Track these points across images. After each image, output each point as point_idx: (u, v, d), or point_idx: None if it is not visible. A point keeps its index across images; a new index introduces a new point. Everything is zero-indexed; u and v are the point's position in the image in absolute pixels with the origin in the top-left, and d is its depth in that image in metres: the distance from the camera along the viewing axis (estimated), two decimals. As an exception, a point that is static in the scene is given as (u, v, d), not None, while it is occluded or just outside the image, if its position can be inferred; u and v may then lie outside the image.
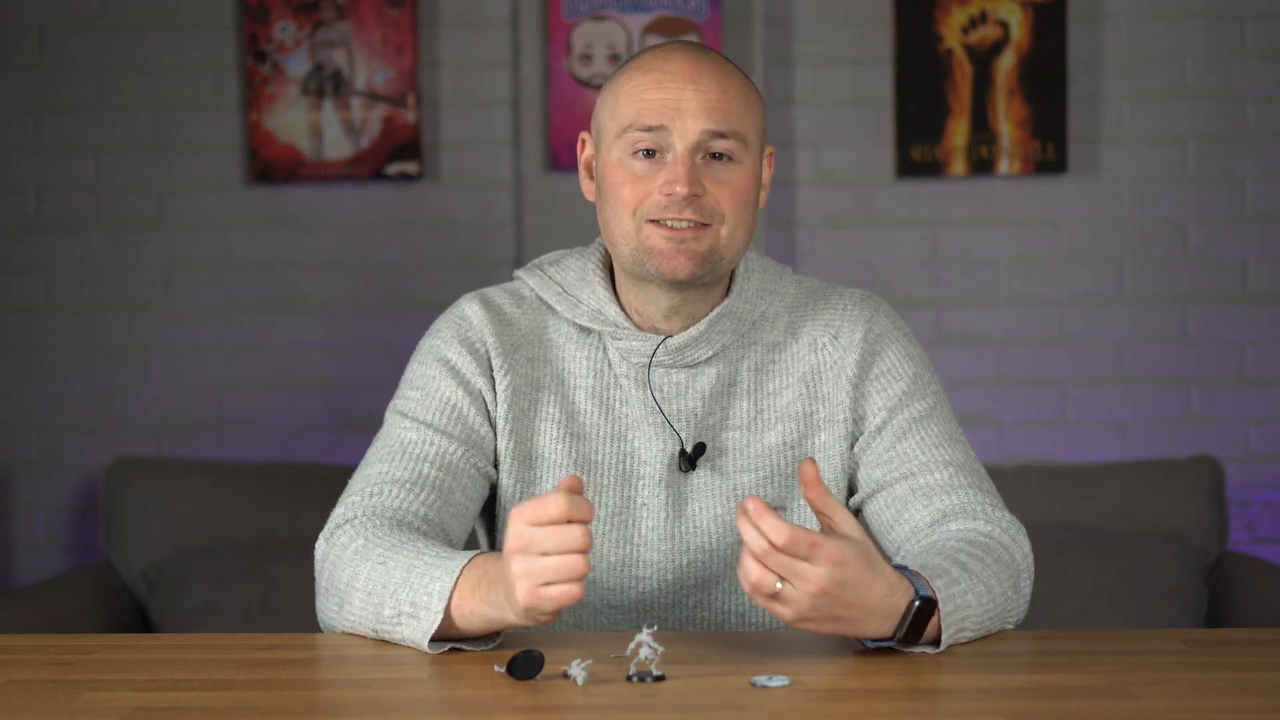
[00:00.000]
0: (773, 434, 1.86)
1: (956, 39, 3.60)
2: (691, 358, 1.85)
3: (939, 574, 1.61)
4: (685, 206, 1.76)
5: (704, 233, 1.77)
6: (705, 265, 1.79)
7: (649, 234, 1.78)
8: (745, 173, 1.79)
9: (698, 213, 1.76)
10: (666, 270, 1.78)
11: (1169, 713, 1.38)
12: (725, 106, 1.76)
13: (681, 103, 1.76)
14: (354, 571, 1.68)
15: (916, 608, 1.54)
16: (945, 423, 1.87)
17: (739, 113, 1.78)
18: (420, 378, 1.87)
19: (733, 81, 1.79)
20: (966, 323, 3.64)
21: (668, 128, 1.76)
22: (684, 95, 1.76)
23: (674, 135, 1.76)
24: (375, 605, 1.64)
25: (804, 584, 1.48)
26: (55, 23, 3.65)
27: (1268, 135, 3.60)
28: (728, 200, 1.78)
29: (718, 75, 1.78)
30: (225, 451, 3.65)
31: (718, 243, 1.78)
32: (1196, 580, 3.28)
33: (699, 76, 1.77)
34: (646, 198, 1.78)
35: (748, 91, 1.81)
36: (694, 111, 1.76)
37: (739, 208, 1.78)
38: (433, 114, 3.65)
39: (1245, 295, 3.62)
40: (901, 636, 1.55)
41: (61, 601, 3.21)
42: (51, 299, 3.68)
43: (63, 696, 1.46)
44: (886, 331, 1.90)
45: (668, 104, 1.76)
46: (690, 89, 1.76)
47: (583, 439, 1.85)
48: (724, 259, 1.80)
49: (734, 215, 1.78)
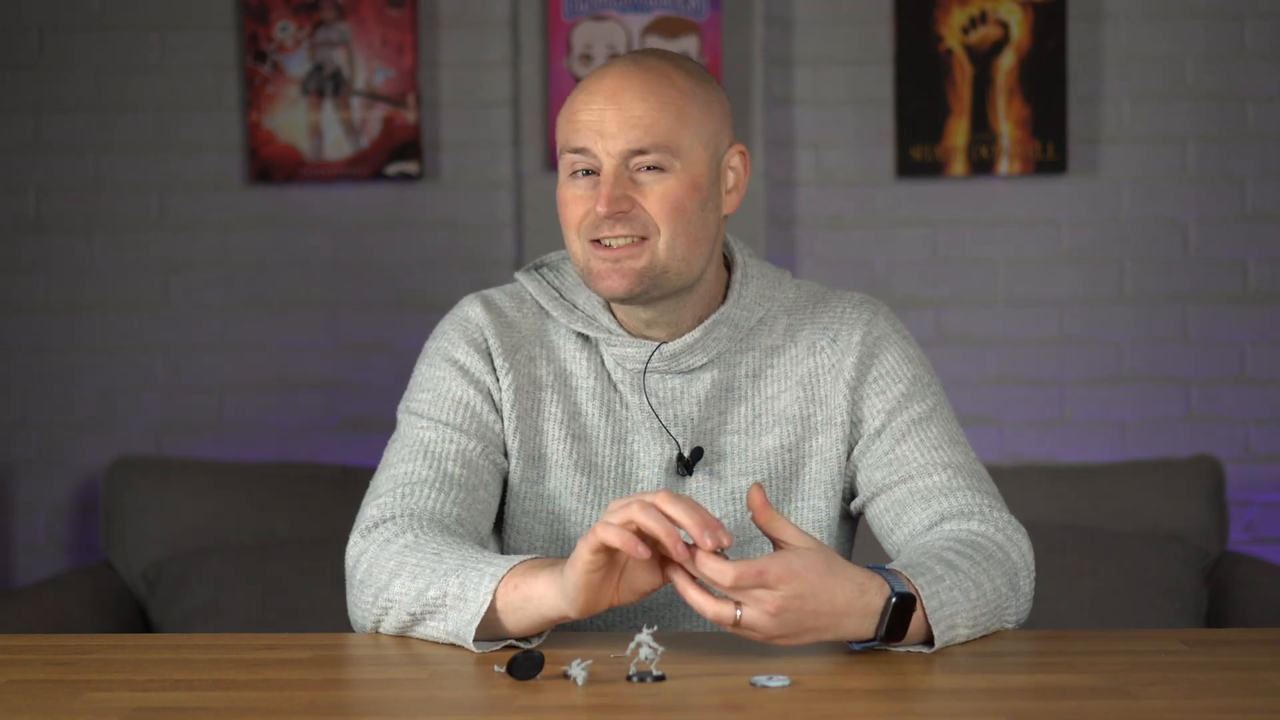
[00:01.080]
0: (770, 437, 1.86)
1: (956, 39, 3.60)
2: (686, 364, 1.85)
3: (921, 571, 1.61)
4: (615, 223, 1.76)
5: (640, 248, 1.77)
6: (644, 281, 1.78)
7: (589, 255, 1.79)
8: (677, 181, 1.78)
9: (630, 227, 1.77)
10: (605, 290, 1.79)
11: (1169, 713, 1.38)
12: (648, 121, 1.76)
13: (604, 124, 1.76)
14: (401, 561, 1.68)
15: (894, 604, 1.54)
16: (945, 424, 1.87)
17: (666, 124, 1.76)
18: (430, 379, 1.87)
19: (667, 92, 1.77)
20: (966, 323, 3.64)
21: (591, 149, 1.77)
22: (605, 115, 1.76)
23: (599, 155, 1.77)
24: (420, 589, 1.64)
25: (760, 605, 1.50)
26: (55, 23, 3.65)
27: (1268, 135, 3.60)
28: (659, 211, 1.77)
29: (646, 89, 1.77)
30: (225, 451, 3.65)
31: (655, 256, 1.78)
32: (1196, 580, 3.28)
33: (622, 94, 1.77)
34: (586, 216, 1.79)
35: (687, 99, 1.78)
36: (613, 132, 1.76)
37: (673, 217, 1.77)
38: (433, 114, 3.65)
39: (1245, 295, 3.62)
40: (883, 635, 1.55)
41: (61, 601, 3.20)
42: (51, 299, 3.68)
43: (63, 696, 1.47)
44: (885, 334, 1.90)
45: (591, 125, 1.77)
46: (612, 109, 1.76)
47: (585, 440, 1.86)
48: (668, 271, 1.79)
49: (669, 225, 1.77)
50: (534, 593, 1.57)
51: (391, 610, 1.67)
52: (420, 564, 1.66)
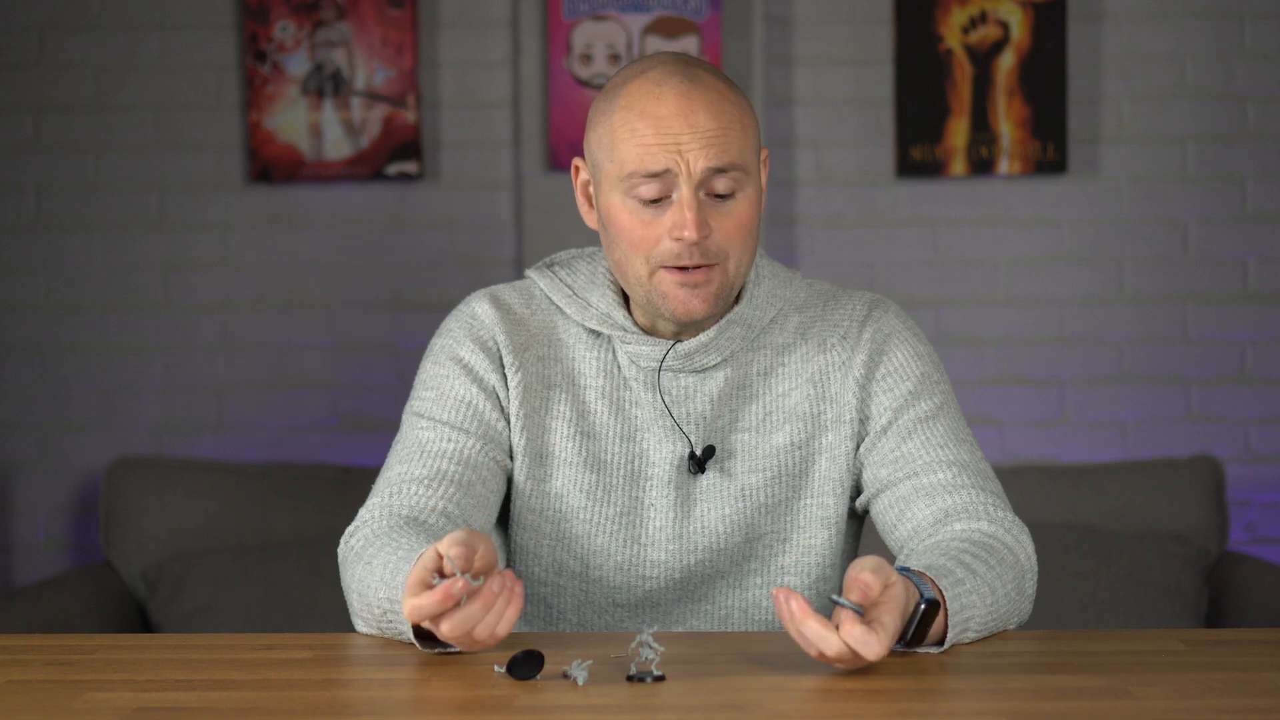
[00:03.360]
0: (780, 434, 1.86)
1: (956, 39, 3.60)
2: (700, 363, 1.86)
3: (944, 574, 1.61)
4: (694, 251, 1.76)
5: (713, 272, 1.78)
6: (718, 303, 1.80)
7: (661, 279, 1.78)
8: (748, 202, 1.79)
9: (705, 255, 1.77)
10: (682, 314, 1.79)
11: (1169, 713, 1.38)
12: (724, 139, 1.75)
13: (680, 144, 1.74)
14: (351, 573, 1.72)
15: (922, 610, 1.54)
16: (952, 422, 1.87)
17: (737, 140, 1.77)
18: (434, 378, 1.87)
19: (726, 105, 1.77)
20: (966, 323, 3.64)
21: (672, 170, 1.75)
22: (682, 137, 1.74)
23: (678, 177, 1.75)
24: (368, 605, 1.66)
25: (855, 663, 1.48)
26: (55, 23, 3.65)
27: (1268, 135, 3.60)
28: (733, 236, 1.78)
29: (711, 104, 1.76)
30: (225, 451, 3.65)
31: (726, 278, 1.79)
32: (1196, 580, 3.28)
33: (694, 112, 1.75)
34: (656, 244, 1.77)
35: (742, 111, 1.79)
36: (694, 150, 1.74)
37: (745, 239, 1.79)
38: (433, 114, 3.65)
39: (1245, 295, 3.62)
40: (909, 639, 1.56)
41: (61, 601, 3.20)
42: (51, 299, 3.68)
43: (63, 696, 1.46)
44: (895, 331, 1.90)
45: (667, 147, 1.74)
46: (688, 130, 1.74)
47: (593, 438, 1.86)
48: (733, 288, 1.81)
49: (739, 248, 1.79)
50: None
51: (364, 624, 1.69)
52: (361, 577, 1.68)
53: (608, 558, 1.85)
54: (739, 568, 1.86)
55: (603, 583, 1.85)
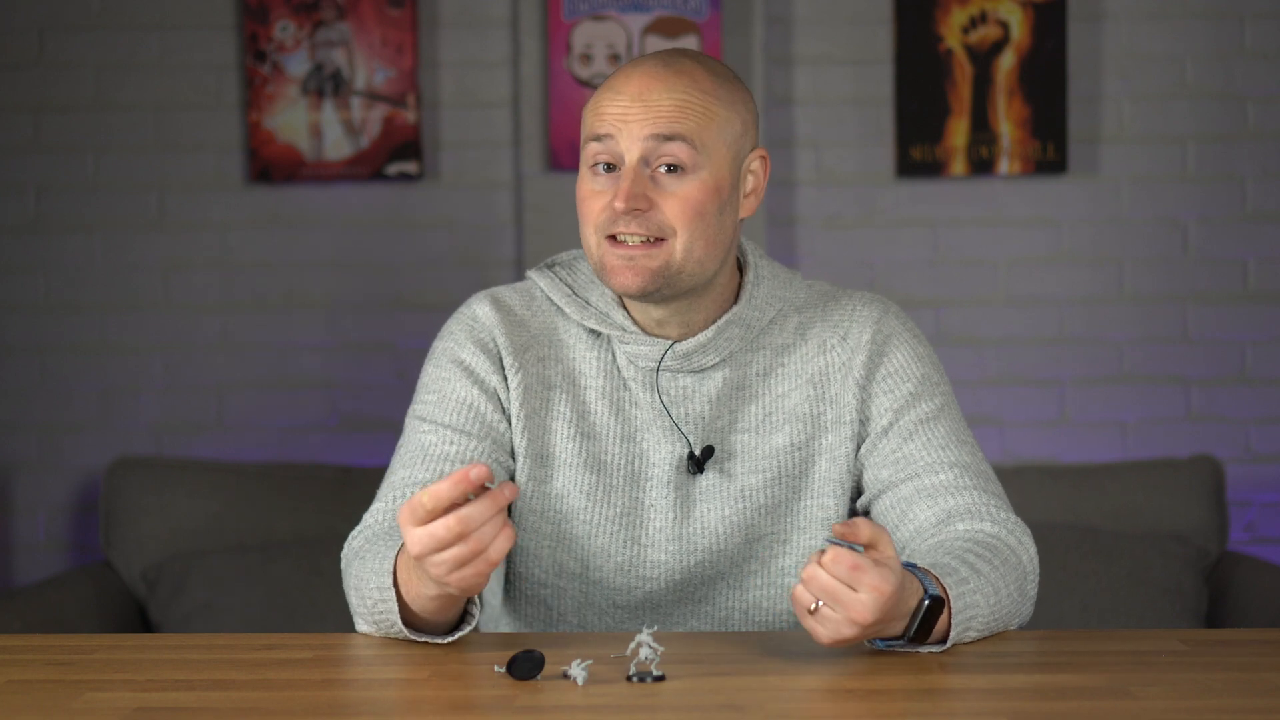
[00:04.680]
0: (780, 435, 1.86)
1: (956, 39, 3.60)
2: (699, 363, 1.85)
3: (948, 572, 1.62)
4: (631, 220, 1.76)
5: (656, 249, 1.77)
6: (658, 280, 1.78)
7: (605, 250, 1.79)
8: (700, 183, 1.77)
9: (645, 227, 1.76)
10: (619, 285, 1.79)
11: (1169, 713, 1.38)
12: (675, 114, 1.76)
13: (630, 113, 1.76)
14: (350, 573, 1.73)
15: (926, 607, 1.54)
16: (953, 423, 1.87)
17: (696, 119, 1.76)
18: (436, 380, 1.88)
19: (694, 91, 1.77)
20: (966, 323, 3.64)
21: (614, 136, 1.77)
22: (633, 107, 1.76)
23: (621, 144, 1.77)
24: (362, 599, 1.67)
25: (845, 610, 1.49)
26: (55, 23, 3.65)
27: (1268, 135, 3.60)
28: (679, 213, 1.77)
29: (674, 83, 1.77)
30: (225, 451, 3.65)
31: (672, 257, 1.77)
32: (1196, 580, 3.28)
33: (652, 88, 1.77)
34: (602, 213, 1.78)
35: (712, 100, 1.78)
36: (639, 119, 1.76)
37: (692, 219, 1.77)
38: (433, 114, 3.65)
39: (1245, 295, 3.62)
40: (911, 636, 1.56)
41: (61, 601, 3.20)
42: (51, 299, 3.68)
43: (63, 696, 1.46)
44: (895, 332, 1.90)
45: (617, 115, 1.77)
46: (639, 103, 1.76)
47: (594, 439, 1.86)
48: (683, 272, 1.79)
49: (687, 228, 1.77)
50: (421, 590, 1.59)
51: (363, 623, 1.70)
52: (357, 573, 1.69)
53: (608, 559, 1.85)
54: (739, 569, 1.86)
55: (603, 584, 1.85)
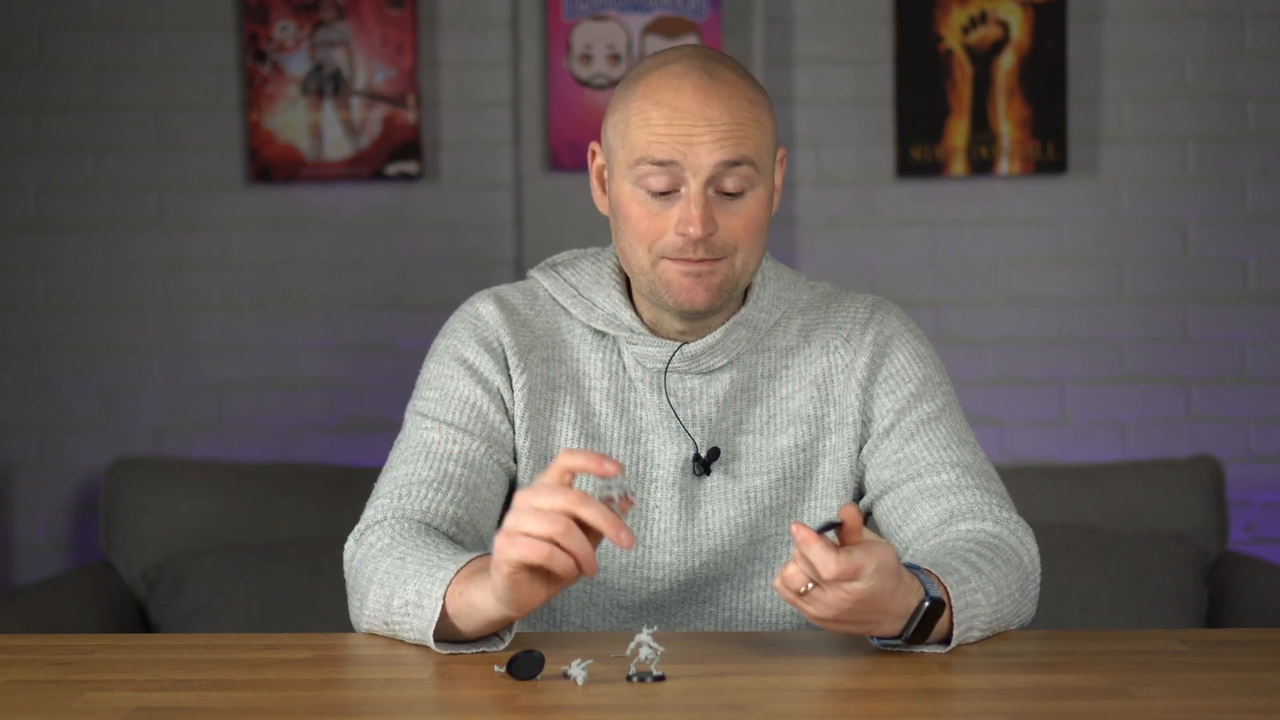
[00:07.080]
0: (785, 437, 1.86)
1: (956, 39, 3.60)
2: (706, 365, 1.85)
3: (949, 572, 1.62)
4: (699, 246, 1.75)
5: (718, 265, 1.77)
6: (721, 295, 1.79)
7: (665, 268, 1.78)
8: (758, 200, 1.77)
9: (710, 250, 1.76)
10: (685, 303, 1.78)
11: (1169, 713, 1.38)
12: (738, 135, 1.74)
13: (693, 136, 1.73)
14: (374, 567, 1.69)
15: (926, 608, 1.54)
16: (954, 424, 1.87)
17: (753, 136, 1.75)
18: (438, 378, 1.87)
19: (743, 103, 1.76)
20: (966, 323, 3.64)
21: (679, 162, 1.74)
22: (696, 129, 1.73)
23: (686, 170, 1.74)
24: (386, 597, 1.64)
25: (837, 594, 1.49)
26: (55, 23, 3.65)
27: (1268, 135, 3.60)
28: (741, 233, 1.77)
29: (729, 100, 1.75)
30: (225, 451, 3.65)
31: (732, 272, 1.78)
32: (1196, 580, 3.28)
33: (710, 106, 1.74)
34: (661, 236, 1.76)
35: (759, 109, 1.77)
36: (706, 144, 1.73)
37: (752, 237, 1.78)
38: (433, 114, 3.65)
39: (1245, 295, 3.62)
40: (909, 635, 1.55)
41: (61, 601, 3.20)
42: (51, 299, 3.68)
43: (63, 696, 1.46)
44: (897, 333, 1.90)
45: (678, 138, 1.73)
46: (703, 123, 1.73)
47: (598, 440, 1.85)
48: (739, 284, 1.80)
49: (747, 245, 1.78)
50: (475, 599, 1.56)
51: (372, 617, 1.68)
52: (389, 570, 1.66)
53: (612, 560, 1.84)
54: (743, 570, 1.86)
55: (607, 585, 1.85)
